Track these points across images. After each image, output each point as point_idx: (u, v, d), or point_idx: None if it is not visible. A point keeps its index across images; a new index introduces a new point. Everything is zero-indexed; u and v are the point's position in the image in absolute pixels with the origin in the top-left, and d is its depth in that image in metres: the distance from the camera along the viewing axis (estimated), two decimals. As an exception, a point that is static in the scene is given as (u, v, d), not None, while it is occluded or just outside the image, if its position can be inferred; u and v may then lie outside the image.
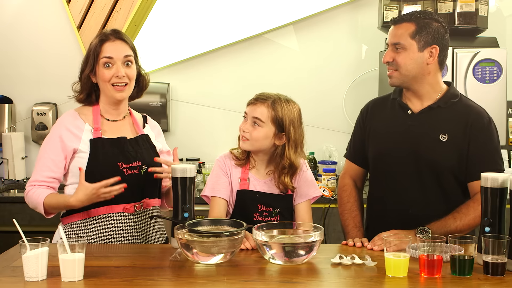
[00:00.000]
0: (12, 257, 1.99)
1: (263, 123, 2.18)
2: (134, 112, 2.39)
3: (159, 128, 2.45)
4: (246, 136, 2.20)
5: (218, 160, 2.30)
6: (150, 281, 1.76)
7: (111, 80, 2.20)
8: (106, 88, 2.22)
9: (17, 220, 1.88)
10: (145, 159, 2.25)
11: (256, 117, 2.18)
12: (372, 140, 2.38)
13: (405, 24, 2.23)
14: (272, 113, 2.18)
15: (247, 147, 2.22)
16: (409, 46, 2.20)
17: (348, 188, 2.44)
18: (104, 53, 2.20)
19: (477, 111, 2.26)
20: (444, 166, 2.21)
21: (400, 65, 2.21)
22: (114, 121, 2.30)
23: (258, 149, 2.22)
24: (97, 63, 2.21)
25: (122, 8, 3.74)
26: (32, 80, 4.02)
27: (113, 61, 2.20)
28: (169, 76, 4.03)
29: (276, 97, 2.21)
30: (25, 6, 3.99)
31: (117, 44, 2.22)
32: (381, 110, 2.39)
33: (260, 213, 2.23)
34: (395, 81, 2.25)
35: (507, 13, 3.95)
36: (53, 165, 2.19)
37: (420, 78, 2.23)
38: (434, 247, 1.82)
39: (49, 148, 2.21)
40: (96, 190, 2.05)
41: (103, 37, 2.23)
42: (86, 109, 2.29)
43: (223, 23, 3.99)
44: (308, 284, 1.75)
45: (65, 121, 2.24)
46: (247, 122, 2.21)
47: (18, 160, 3.85)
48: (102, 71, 2.20)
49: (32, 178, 2.21)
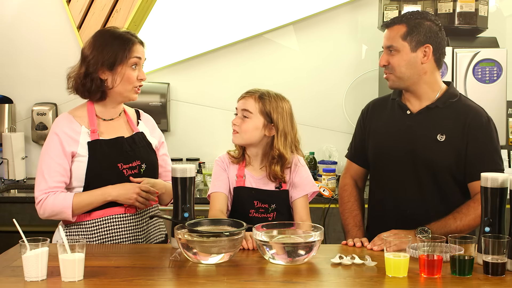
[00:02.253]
0: (12, 257, 1.99)
1: (251, 113, 2.22)
2: (127, 108, 2.37)
3: (153, 122, 2.44)
4: (236, 129, 2.25)
5: (217, 160, 2.34)
6: (150, 281, 1.76)
7: (135, 83, 2.20)
8: (125, 89, 2.20)
9: (17, 220, 1.88)
10: (144, 157, 2.25)
11: (244, 109, 2.24)
12: (372, 140, 2.38)
13: (396, 26, 2.24)
14: (260, 104, 2.23)
15: (238, 140, 2.26)
16: (401, 47, 2.21)
17: (349, 187, 2.45)
18: (135, 53, 2.19)
19: (475, 111, 2.25)
20: (441, 166, 2.21)
21: (394, 67, 2.23)
22: (110, 120, 2.28)
23: (249, 142, 2.25)
24: (124, 62, 2.18)
25: (122, 8, 3.74)
26: (32, 80, 4.02)
27: (140, 62, 2.22)
28: (169, 76, 4.03)
29: (264, 91, 2.27)
30: (25, 6, 3.99)
31: (141, 46, 2.24)
32: (381, 110, 2.40)
33: (256, 210, 2.24)
34: (392, 83, 2.28)
35: (507, 13, 3.95)
36: (62, 169, 2.15)
37: (417, 78, 2.23)
38: (434, 247, 1.82)
39: (53, 153, 2.15)
40: (139, 190, 2.12)
41: (131, 36, 2.21)
42: (80, 111, 2.26)
43: (223, 23, 3.99)
44: (308, 284, 1.75)
45: (61, 124, 2.20)
46: (237, 116, 2.27)
47: (18, 160, 3.85)
48: (129, 72, 2.18)
49: (43, 186, 2.13)
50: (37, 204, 2.15)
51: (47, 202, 2.13)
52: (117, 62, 2.17)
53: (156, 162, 2.31)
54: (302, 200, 2.28)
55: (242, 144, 2.27)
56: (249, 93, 2.27)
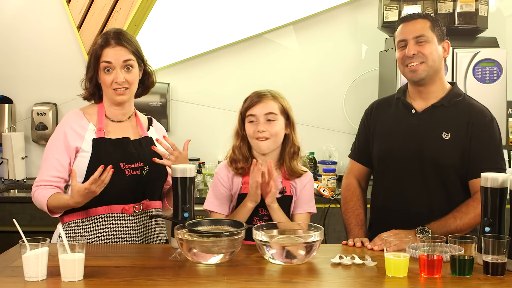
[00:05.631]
0: (12, 257, 1.99)
1: (276, 115, 2.18)
2: (140, 114, 2.40)
3: (164, 131, 2.44)
4: (265, 136, 2.16)
5: (217, 173, 2.25)
6: (150, 281, 1.76)
7: (111, 86, 2.22)
8: (108, 92, 2.24)
9: (17, 220, 1.88)
10: (147, 160, 2.25)
11: (269, 113, 2.17)
12: (377, 139, 2.38)
13: (420, 19, 2.27)
14: (279, 104, 2.20)
15: (270, 146, 2.18)
16: (431, 38, 2.24)
17: (351, 187, 2.44)
18: (104, 58, 2.21)
19: (479, 110, 2.27)
20: (447, 164, 2.22)
21: (427, 56, 2.22)
22: (119, 122, 2.30)
23: (279, 144, 2.21)
24: (98, 66, 2.23)
25: (122, 8, 3.74)
26: (32, 80, 4.02)
27: (113, 66, 2.21)
28: (169, 76, 4.03)
29: (270, 91, 2.24)
30: (25, 6, 3.99)
31: (117, 50, 2.22)
32: (385, 110, 2.40)
33: (260, 217, 2.20)
34: (422, 73, 2.24)
35: (507, 13, 3.95)
36: (58, 164, 2.19)
37: (438, 72, 2.26)
38: (434, 247, 1.82)
39: (54, 148, 2.21)
40: (88, 188, 2.03)
41: (104, 41, 2.22)
42: (91, 108, 2.30)
43: (223, 23, 3.99)
44: (308, 284, 1.76)
45: (70, 119, 2.25)
46: (260, 122, 2.17)
47: (18, 160, 3.84)
48: (103, 76, 2.22)
49: (38, 178, 2.21)
50: (32, 196, 2.23)
51: (35, 195, 2.19)
52: (91, 67, 2.24)
53: (161, 168, 2.27)
54: (305, 216, 2.25)
55: (273, 149, 2.20)
56: (262, 96, 2.19)
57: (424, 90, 2.28)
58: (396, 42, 2.31)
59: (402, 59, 2.26)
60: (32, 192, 2.21)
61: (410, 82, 2.31)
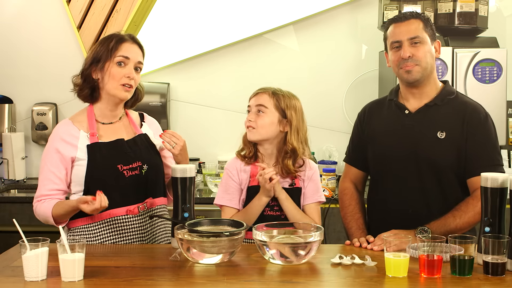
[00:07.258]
0: (12, 257, 1.99)
1: (266, 108, 2.22)
2: (130, 112, 2.37)
3: (157, 125, 2.44)
4: (252, 125, 2.23)
5: (226, 168, 2.31)
6: (150, 281, 1.76)
7: (121, 80, 2.18)
8: (112, 86, 2.19)
9: (17, 220, 1.88)
10: (145, 158, 2.25)
11: (259, 104, 2.24)
12: (371, 142, 2.38)
13: (413, 20, 2.26)
14: (274, 100, 2.24)
15: (254, 136, 2.24)
16: (425, 39, 2.24)
17: (349, 191, 2.44)
18: (122, 52, 2.19)
19: (473, 107, 2.26)
20: (444, 164, 2.21)
21: (420, 58, 2.22)
22: (110, 124, 2.27)
23: (265, 137, 2.23)
24: (110, 59, 2.18)
25: (122, 8, 3.74)
26: (32, 80, 4.02)
27: (128, 61, 2.19)
28: (169, 76, 4.03)
29: (277, 88, 2.29)
30: (25, 6, 3.99)
31: (135, 47, 2.23)
32: (378, 112, 2.40)
33: (270, 208, 2.23)
34: (416, 75, 2.23)
35: (507, 13, 3.95)
36: (55, 177, 2.17)
37: (431, 72, 2.26)
38: (434, 247, 1.82)
39: (48, 161, 2.19)
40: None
41: (120, 37, 2.22)
42: (80, 116, 2.27)
43: (223, 23, 3.99)
44: (308, 284, 1.76)
45: (59, 131, 2.22)
46: (252, 112, 2.26)
47: (18, 160, 3.84)
48: (115, 69, 2.18)
49: (37, 193, 2.20)
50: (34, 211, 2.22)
51: (37, 210, 2.19)
52: (102, 58, 2.19)
53: (159, 164, 2.30)
54: (315, 206, 2.29)
55: (258, 140, 2.25)
56: (262, 90, 2.28)
57: (418, 91, 2.28)
58: (389, 43, 2.29)
59: (397, 62, 2.26)
60: (34, 208, 2.20)
61: (404, 83, 2.30)
